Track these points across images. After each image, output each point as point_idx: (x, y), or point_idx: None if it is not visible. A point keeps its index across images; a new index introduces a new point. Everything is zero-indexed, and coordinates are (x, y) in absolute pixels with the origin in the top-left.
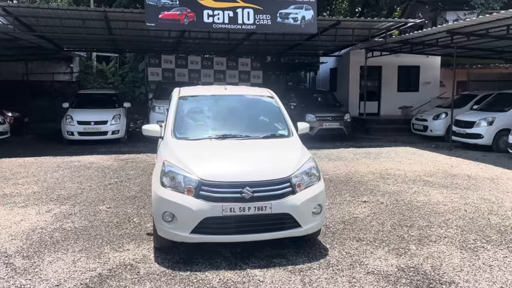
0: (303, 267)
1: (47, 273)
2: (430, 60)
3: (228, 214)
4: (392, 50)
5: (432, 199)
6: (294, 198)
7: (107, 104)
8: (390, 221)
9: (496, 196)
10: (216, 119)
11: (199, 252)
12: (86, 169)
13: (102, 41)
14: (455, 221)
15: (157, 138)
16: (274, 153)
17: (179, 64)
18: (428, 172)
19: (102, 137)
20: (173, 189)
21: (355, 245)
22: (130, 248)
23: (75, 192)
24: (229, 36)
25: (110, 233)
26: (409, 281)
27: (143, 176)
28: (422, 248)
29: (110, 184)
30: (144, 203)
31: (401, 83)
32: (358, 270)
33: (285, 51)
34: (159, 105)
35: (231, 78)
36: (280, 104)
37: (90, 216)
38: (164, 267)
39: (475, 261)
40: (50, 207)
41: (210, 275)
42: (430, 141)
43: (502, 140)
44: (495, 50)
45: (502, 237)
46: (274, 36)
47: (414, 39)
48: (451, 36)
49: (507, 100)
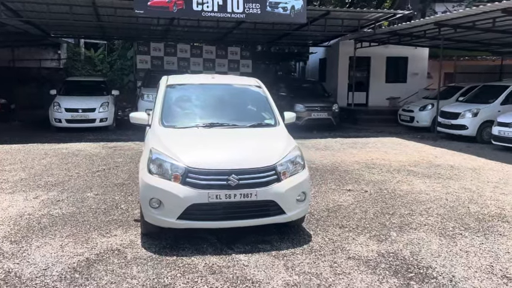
0: (287, 253)
1: (34, 257)
2: (418, 51)
3: (214, 201)
4: (381, 41)
5: (415, 188)
6: (279, 186)
7: (95, 92)
8: (373, 208)
9: (477, 186)
10: (203, 107)
11: (185, 238)
12: (74, 156)
13: (90, 28)
14: (436, 210)
15: (144, 125)
16: (260, 142)
17: (168, 52)
18: (413, 162)
19: (90, 125)
20: (160, 176)
21: (338, 231)
22: (117, 233)
23: (63, 179)
24: (219, 25)
25: (97, 219)
26: (388, 265)
27: (131, 163)
28: (402, 235)
29: (98, 171)
30: (131, 190)
31: (390, 74)
32: (340, 255)
33: (275, 40)
34: (147, 93)
35: (220, 67)
36: (268, 94)
37: (77, 202)
38: (151, 252)
39: (452, 248)
40: (37, 193)
41: (196, 260)
42: (416, 132)
43: (486, 131)
44: (482, 42)
45: (480, 224)
46: (264, 25)
47: (402, 31)
48: (438, 28)
49: (492, 92)
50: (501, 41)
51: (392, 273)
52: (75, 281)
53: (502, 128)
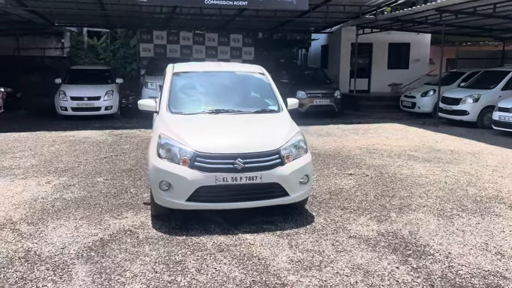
0: (291, 232)
1: (51, 237)
2: (420, 37)
3: (221, 183)
4: (383, 27)
5: (415, 172)
6: (283, 169)
7: (100, 80)
8: (374, 191)
9: (476, 169)
10: (209, 94)
11: (194, 220)
12: (81, 143)
13: (93, 16)
14: (435, 192)
15: (152, 112)
16: (264, 127)
17: (171, 40)
18: (414, 147)
19: (96, 113)
20: (169, 160)
21: (340, 213)
22: (128, 215)
23: (72, 165)
24: (221, 12)
25: (108, 202)
26: (388, 244)
27: (137, 150)
28: (402, 216)
29: (106, 158)
30: (139, 176)
31: (392, 60)
32: (341, 234)
33: (277, 27)
34: (151, 81)
35: (222, 54)
36: (271, 81)
37: (88, 187)
38: (161, 232)
39: (449, 227)
40: (49, 179)
41: (204, 239)
42: (418, 117)
43: (486, 116)
44: (484, 27)
45: (477, 206)
46: (266, 12)
47: (404, 17)
48: (439, 13)
49: (493, 78)
50: (503, 26)
51: (391, 250)
52: (91, 258)
53: (502, 113)
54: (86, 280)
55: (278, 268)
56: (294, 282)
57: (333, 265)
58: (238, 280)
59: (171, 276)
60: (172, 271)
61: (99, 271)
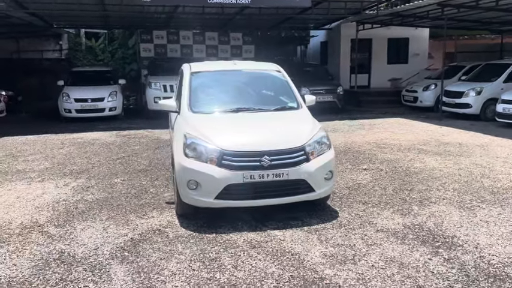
0: (318, 228)
1: (82, 239)
2: (418, 32)
3: (248, 181)
4: (383, 23)
5: (428, 165)
6: (308, 165)
7: (103, 81)
8: (391, 185)
9: (487, 161)
10: (228, 93)
11: (220, 218)
12: (91, 145)
13: (93, 17)
14: (451, 185)
15: (173, 112)
16: (287, 124)
17: (171, 40)
18: (422, 141)
19: (100, 114)
20: (196, 159)
21: (362, 207)
22: (154, 215)
23: (86, 167)
24: (224, 11)
25: (130, 202)
26: (416, 236)
27: (148, 150)
28: (424, 208)
29: (118, 159)
30: (156, 176)
31: (391, 56)
32: (368, 228)
33: (277, 25)
34: (155, 82)
35: (223, 53)
36: (288, 78)
37: (107, 188)
38: (190, 230)
39: (472, 218)
40: (66, 181)
41: (234, 236)
42: (420, 111)
43: (489, 109)
44: (483, 21)
45: (495, 197)
46: (268, 10)
47: (405, 12)
48: (441, 8)
49: (494, 70)
50: (501, 19)
51: (420, 242)
52: (126, 258)
53: (506, 105)
54: (126, 280)
55: (313, 263)
56: (331, 276)
57: (366, 258)
58: (277, 275)
59: (210, 274)
60: (210, 268)
61: (136, 270)
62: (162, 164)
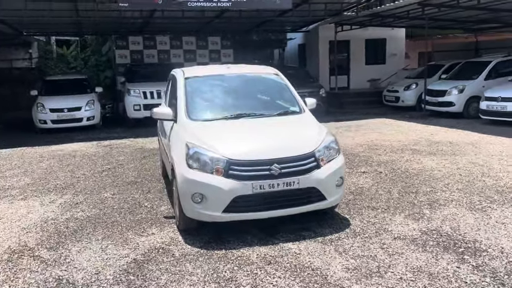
0: (333, 238)
1: (80, 262)
2: (395, 32)
3: (258, 191)
4: (362, 24)
5: (426, 166)
6: (319, 172)
7: (79, 90)
8: (395, 188)
9: (483, 160)
10: (227, 98)
11: (227, 232)
12: (72, 157)
13: (65, 24)
14: (454, 185)
15: (168, 120)
16: (294, 130)
17: (147, 45)
18: (412, 141)
19: (77, 124)
20: (201, 170)
21: (372, 213)
22: (154, 232)
23: (71, 181)
24: (204, 14)
25: (125, 218)
26: (436, 242)
27: (134, 161)
28: (435, 212)
29: (104, 171)
30: (148, 188)
31: (369, 56)
32: (385, 236)
33: (255, 28)
34: (134, 89)
35: (201, 57)
36: (287, 81)
37: (98, 204)
38: (197, 247)
39: (488, 220)
40: (51, 197)
41: (246, 252)
42: (402, 111)
43: (472, 106)
44: (459, 20)
45: (502, 197)
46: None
47: (385, 12)
48: (422, 7)
49: (474, 68)
50: (477, 18)
51: (442, 249)
52: (132, 283)
53: (490, 102)
54: None
55: (337, 278)
56: None
57: (392, 270)
58: None
59: None
60: None
61: None
62: (152, 175)
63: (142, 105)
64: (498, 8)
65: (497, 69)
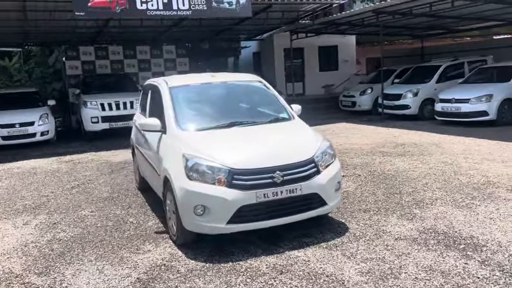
0: (336, 243)
1: (79, 286)
2: (346, 39)
3: (262, 200)
4: (317, 31)
5: (399, 167)
6: (320, 178)
7: (30, 104)
8: (379, 190)
9: (450, 159)
10: (216, 107)
11: (227, 243)
12: (33, 175)
13: (9, 35)
14: (433, 184)
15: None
16: (291, 136)
17: (100, 55)
18: (379, 144)
19: (30, 140)
20: (202, 181)
21: (365, 216)
22: (149, 248)
23: (40, 200)
24: (162, 23)
25: (114, 236)
26: (436, 241)
27: (103, 175)
28: (425, 211)
29: (74, 188)
30: (127, 203)
31: (323, 63)
32: (386, 238)
33: (211, 37)
34: (91, 100)
35: (156, 67)
36: (272, 89)
37: (78, 222)
38: (201, 261)
39: (476, 217)
40: (24, 219)
41: (254, 262)
42: (359, 115)
43: (426, 108)
44: (408, 26)
45: (480, 193)
46: (207, 21)
47: (340, 20)
48: (376, 15)
49: (425, 72)
50: (424, 25)
51: (444, 247)
52: None
53: (445, 104)
54: None
55: (355, 282)
56: None
57: (405, 270)
58: None
59: None
60: None
61: None
62: (127, 190)
63: (101, 117)
64: (445, 15)
65: (446, 72)
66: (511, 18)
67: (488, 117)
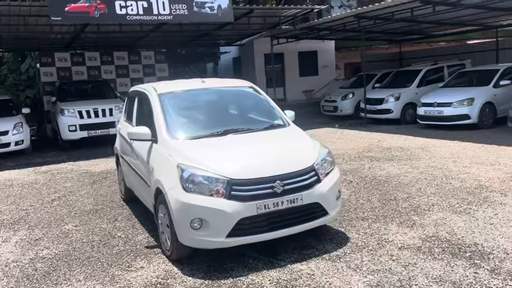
0: (339, 254)
1: None
2: (325, 45)
3: (262, 211)
4: (298, 37)
5: (390, 172)
6: (321, 186)
7: (3, 112)
8: (373, 197)
9: (439, 163)
10: (209, 114)
11: (223, 258)
12: (9, 187)
13: None
14: (427, 189)
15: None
16: (288, 143)
17: (76, 62)
18: (365, 148)
19: (4, 150)
20: (199, 193)
21: (364, 224)
22: (142, 265)
23: (19, 214)
24: (142, 28)
25: (102, 253)
26: (441, 249)
27: (84, 186)
28: (424, 218)
29: (54, 200)
30: (113, 216)
31: (303, 68)
32: (390, 247)
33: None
34: (68, 108)
35: (134, 73)
36: (265, 95)
37: (62, 238)
38: (199, 278)
39: (476, 222)
40: (2, 235)
41: (256, 278)
42: (341, 120)
43: (408, 112)
44: (387, 32)
45: (475, 198)
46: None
47: (321, 25)
48: (358, 20)
49: (406, 77)
50: (402, 30)
51: (451, 255)
52: None
53: (427, 108)
54: None
55: None
56: None
57: (415, 282)
58: None
59: None
60: None
61: None
62: (111, 201)
63: (79, 125)
64: (424, 21)
65: (427, 76)
66: (487, 23)
67: (470, 121)
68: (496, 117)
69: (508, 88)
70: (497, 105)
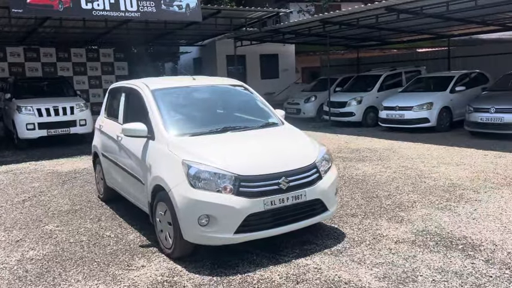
0: (340, 249)
1: None
2: (286, 48)
3: (269, 208)
4: (262, 39)
5: (366, 172)
6: (322, 183)
7: None
8: (356, 194)
9: (409, 163)
10: (205, 111)
11: (226, 255)
12: None
13: None
14: (405, 188)
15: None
16: (289, 141)
17: (30, 57)
18: (334, 149)
19: None
20: (206, 189)
21: (355, 220)
22: (142, 264)
23: None
24: (106, 24)
25: (95, 253)
26: (435, 242)
27: (55, 187)
28: (410, 214)
29: (25, 201)
30: (95, 216)
31: (264, 71)
32: (387, 242)
33: (152, 40)
34: (25, 105)
35: (92, 70)
36: (256, 93)
37: (46, 239)
38: (206, 275)
39: (460, 217)
40: None
41: (264, 274)
42: (304, 122)
43: (369, 116)
44: (348, 37)
45: (451, 195)
46: (153, 24)
47: (286, 29)
48: (323, 25)
49: (366, 81)
50: (361, 36)
51: (445, 248)
52: None
53: (389, 111)
54: None
55: None
56: None
57: (420, 273)
58: None
59: None
60: None
61: None
62: (89, 201)
63: (37, 123)
64: (385, 28)
65: (386, 81)
66: (441, 32)
67: (430, 124)
68: (452, 121)
69: (462, 94)
70: (453, 109)
